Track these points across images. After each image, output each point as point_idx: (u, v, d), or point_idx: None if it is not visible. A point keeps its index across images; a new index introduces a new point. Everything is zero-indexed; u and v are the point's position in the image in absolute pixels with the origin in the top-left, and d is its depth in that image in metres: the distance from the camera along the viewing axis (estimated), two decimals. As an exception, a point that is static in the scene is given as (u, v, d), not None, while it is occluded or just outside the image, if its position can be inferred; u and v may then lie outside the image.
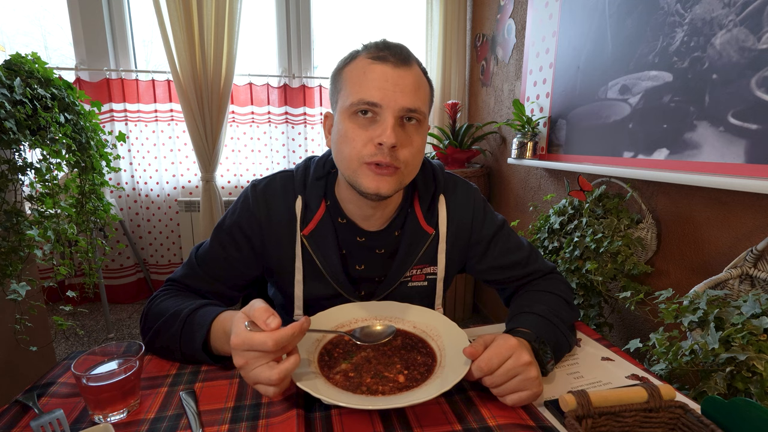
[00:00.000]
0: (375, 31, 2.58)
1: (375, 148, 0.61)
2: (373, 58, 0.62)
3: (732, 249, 0.97)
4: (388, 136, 0.59)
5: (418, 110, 0.62)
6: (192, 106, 2.11)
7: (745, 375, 0.63)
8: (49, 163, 1.28)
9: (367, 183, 0.63)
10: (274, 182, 0.75)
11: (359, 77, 0.62)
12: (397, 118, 0.61)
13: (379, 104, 0.60)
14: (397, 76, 0.61)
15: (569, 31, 1.44)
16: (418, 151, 0.66)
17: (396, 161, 0.62)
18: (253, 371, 0.49)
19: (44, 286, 1.40)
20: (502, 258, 0.79)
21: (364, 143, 0.62)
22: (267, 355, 0.49)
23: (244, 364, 0.49)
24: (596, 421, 0.44)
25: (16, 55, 1.23)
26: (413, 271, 0.77)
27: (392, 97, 0.60)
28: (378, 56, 0.61)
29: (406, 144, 0.63)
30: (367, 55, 0.62)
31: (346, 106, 0.63)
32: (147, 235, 2.49)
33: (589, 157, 1.35)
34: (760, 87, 0.83)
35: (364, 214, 0.73)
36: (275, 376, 0.48)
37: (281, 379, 0.48)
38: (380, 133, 0.60)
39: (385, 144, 0.60)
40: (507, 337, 0.56)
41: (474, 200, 0.79)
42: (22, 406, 0.53)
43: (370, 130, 0.62)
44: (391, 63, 0.61)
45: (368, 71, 0.61)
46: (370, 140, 0.61)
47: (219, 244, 0.74)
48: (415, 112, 0.62)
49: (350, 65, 0.64)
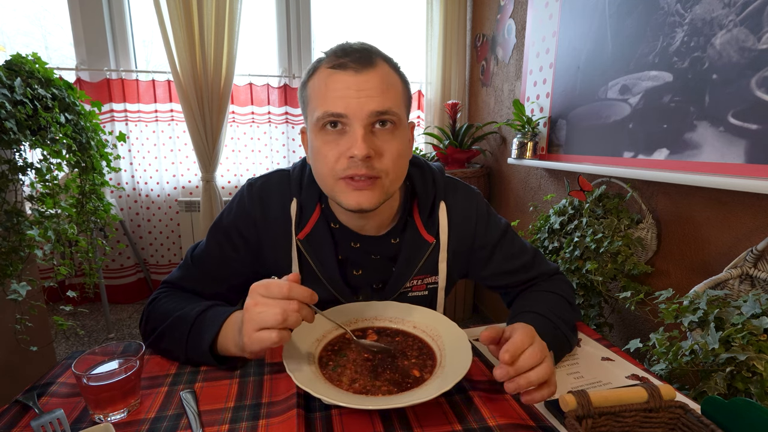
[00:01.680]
0: (375, 31, 2.58)
1: (348, 162, 0.59)
2: (333, 67, 0.59)
3: (732, 249, 0.97)
4: (359, 148, 0.56)
5: (389, 111, 0.59)
6: (192, 106, 2.11)
7: (745, 375, 0.63)
8: (49, 163, 1.28)
9: (346, 199, 0.61)
10: (270, 182, 0.74)
11: (321, 89, 0.59)
12: (368, 126, 0.58)
13: (345, 114, 0.58)
14: (360, 81, 0.58)
15: (569, 31, 1.44)
16: (398, 156, 0.61)
17: (373, 171, 0.59)
18: (261, 312, 0.51)
19: (44, 286, 1.40)
20: (506, 263, 0.77)
21: (337, 158, 0.59)
22: (279, 302, 0.51)
23: (254, 304, 0.51)
24: (596, 421, 0.44)
25: (17, 56, 1.23)
26: (414, 281, 0.75)
27: (357, 105, 0.57)
28: (337, 64, 0.59)
29: (382, 151, 0.59)
30: (327, 65, 0.60)
31: (314, 122, 0.60)
32: (147, 235, 2.49)
33: (589, 157, 1.35)
34: (760, 87, 0.83)
35: (357, 223, 0.71)
36: (280, 316, 0.50)
37: (285, 319, 0.50)
38: (350, 146, 0.58)
39: (357, 156, 0.57)
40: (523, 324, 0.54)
41: (476, 205, 0.77)
42: (22, 406, 0.53)
43: (341, 144, 0.59)
44: (352, 69, 0.58)
45: (329, 82, 0.59)
46: (342, 154, 0.59)
47: (216, 244, 0.73)
48: (386, 114, 0.59)
49: (312, 78, 0.62)
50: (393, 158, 0.61)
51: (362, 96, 0.57)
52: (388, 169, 0.61)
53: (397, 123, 0.61)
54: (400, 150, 0.62)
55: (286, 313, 0.50)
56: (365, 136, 0.58)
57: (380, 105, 0.58)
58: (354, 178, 0.59)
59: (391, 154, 0.60)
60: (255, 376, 0.60)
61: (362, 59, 0.59)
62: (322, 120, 0.59)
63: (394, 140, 0.61)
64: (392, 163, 0.61)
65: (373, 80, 0.58)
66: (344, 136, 0.59)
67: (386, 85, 0.59)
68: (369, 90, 0.58)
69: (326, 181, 0.63)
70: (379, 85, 0.59)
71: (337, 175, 0.60)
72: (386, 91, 0.59)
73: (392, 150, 0.60)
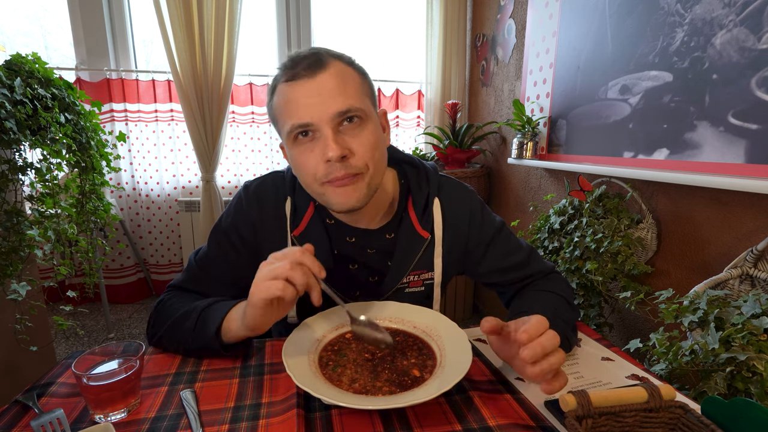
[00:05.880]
0: (375, 31, 2.58)
1: (326, 167, 0.61)
2: (288, 80, 0.61)
3: (732, 249, 0.97)
4: (332, 149, 0.58)
5: (352, 108, 0.60)
6: (192, 106, 2.11)
7: (745, 375, 0.63)
8: (49, 163, 1.28)
9: (335, 200, 0.63)
10: (265, 183, 0.76)
11: (283, 105, 0.62)
12: (335, 127, 0.60)
13: (310, 122, 0.59)
14: (316, 86, 0.59)
15: (569, 31, 1.44)
16: (372, 147, 0.62)
17: (352, 169, 0.61)
18: (271, 265, 0.54)
19: (44, 286, 1.40)
20: (501, 260, 0.78)
21: (315, 165, 0.61)
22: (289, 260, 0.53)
23: (266, 263, 0.55)
24: (596, 421, 0.44)
25: (17, 55, 1.23)
26: (410, 277, 0.76)
27: (319, 109, 0.59)
28: (291, 76, 0.60)
29: (356, 147, 0.61)
30: (283, 80, 0.62)
31: (286, 136, 0.63)
32: (147, 235, 2.49)
33: (589, 157, 1.35)
34: (760, 87, 0.83)
35: (350, 217, 0.73)
36: (288, 266, 0.53)
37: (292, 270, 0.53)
38: (324, 150, 0.59)
39: (332, 158, 0.59)
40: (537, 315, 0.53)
41: (470, 203, 0.78)
42: (22, 405, 0.53)
43: (315, 150, 0.61)
44: (306, 76, 0.59)
45: (288, 94, 0.61)
46: (319, 160, 0.61)
47: (217, 245, 0.75)
48: (349, 112, 0.60)
49: (274, 97, 0.64)
50: (367, 152, 0.62)
51: (322, 99, 0.59)
52: (366, 162, 0.62)
53: (364, 117, 0.62)
54: (372, 142, 0.63)
55: (294, 267, 0.53)
56: (335, 137, 0.59)
57: (342, 104, 0.59)
58: (335, 182, 0.61)
59: (364, 148, 0.62)
60: (255, 376, 0.60)
61: (312, 65, 0.60)
62: (292, 133, 0.61)
63: (364, 133, 0.62)
64: (369, 157, 0.62)
65: (329, 82, 0.60)
66: (316, 141, 0.61)
67: (342, 83, 0.61)
68: (327, 92, 0.59)
69: (312, 188, 0.65)
70: (336, 85, 0.60)
71: (320, 181, 0.62)
72: (344, 89, 0.60)
73: (364, 143, 0.62)
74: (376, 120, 0.66)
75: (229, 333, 0.61)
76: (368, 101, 0.65)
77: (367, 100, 0.64)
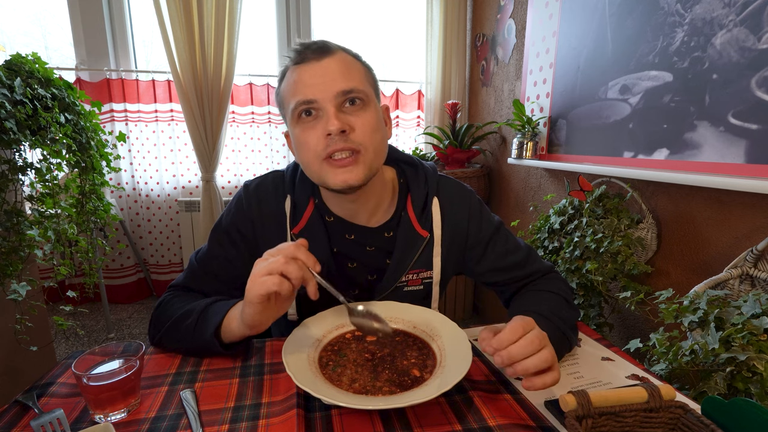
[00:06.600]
0: (375, 31, 2.58)
1: (326, 140, 0.62)
2: (296, 63, 0.64)
3: (732, 249, 0.97)
4: (333, 123, 0.60)
5: (355, 89, 0.62)
6: (192, 106, 2.11)
7: (746, 375, 0.63)
8: (49, 163, 1.28)
9: (332, 178, 0.64)
10: (265, 182, 0.76)
11: (291, 85, 0.64)
12: (338, 105, 0.62)
13: (314, 99, 0.62)
14: (322, 67, 0.62)
15: (569, 31, 1.44)
16: (373, 130, 0.64)
17: (351, 143, 0.62)
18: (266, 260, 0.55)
19: (44, 286, 1.40)
20: (500, 260, 0.78)
21: (317, 140, 0.63)
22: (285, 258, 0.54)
23: (261, 260, 0.56)
24: (596, 421, 0.44)
25: (17, 55, 1.23)
26: (409, 275, 0.76)
27: (323, 88, 0.61)
28: (299, 59, 0.64)
29: (356, 125, 0.63)
30: (292, 64, 0.65)
31: (290, 115, 0.65)
32: (147, 235, 2.49)
33: (589, 157, 1.35)
34: (760, 87, 0.83)
35: (348, 210, 0.73)
36: (283, 260, 0.54)
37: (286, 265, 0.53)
38: (325, 124, 0.62)
39: (333, 131, 0.61)
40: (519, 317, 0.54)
41: (469, 202, 0.78)
42: (22, 406, 0.53)
43: (318, 127, 0.63)
44: (313, 59, 0.63)
45: (296, 76, 0.64)
46: (320, 135, 0.63)
47: (217, 245, 0.75)
48: (352, 92, 0.62)
49: (284, 82, 0.67)
50: (367, 132, 0.64)
51: (327, 79, 0.62)
52: (365, 142, 0.63)
53: (366, 101, 0.64)
54: (373, 124, 0.65)
55: (289, 261, 0.54)
56: (336, 113, 0.62)
57: (345, 84, 0.62)
58: (336, 157, 0.62)
59: (364, 128, 0.63)
60: (255, 376, 0.60)
61: (320, 49, 0.64)
62: (296, 110, 0.63)
63: (366, 115, 0.64)
64: (368, 137, 0.64)
65: (334, 64, 0.63)
66: (319, 119, 0.63)
67: (347, 67, 0.64)
68: (332, 73, 0.62)
69: (312, 167, 0.65)
70: (341, 67, 0.63)
71: (320, 156, 0.63)
72: (348, 72, 0.63)
73: (365, 124, 0.63)
74: (378, 108, 0.68)
75: (230, 332, 0.62)
76: (371, 90, 0.67)
77: (370, 89, 0.67)
